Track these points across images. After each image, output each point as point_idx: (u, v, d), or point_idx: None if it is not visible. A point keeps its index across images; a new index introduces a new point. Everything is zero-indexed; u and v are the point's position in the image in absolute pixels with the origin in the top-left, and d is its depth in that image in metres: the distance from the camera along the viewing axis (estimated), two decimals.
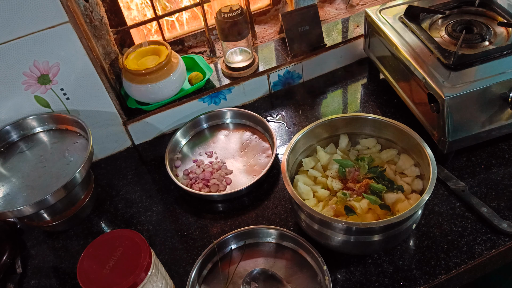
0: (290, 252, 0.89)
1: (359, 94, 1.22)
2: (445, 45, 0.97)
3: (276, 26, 1.35)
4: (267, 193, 1.02)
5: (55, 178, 0.91)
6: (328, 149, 0.96)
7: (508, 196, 0.91)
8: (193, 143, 1.16)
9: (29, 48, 0.91)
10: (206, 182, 1.04)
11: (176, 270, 0.90)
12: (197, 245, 0.94)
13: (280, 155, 1.09)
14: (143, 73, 1.05)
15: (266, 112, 1.21)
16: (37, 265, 0.96)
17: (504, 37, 0.98)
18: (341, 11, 1.36)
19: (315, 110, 1.20)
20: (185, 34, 1.30)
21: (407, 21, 1.05)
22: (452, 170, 0.97)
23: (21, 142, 1.01)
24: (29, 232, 1.03)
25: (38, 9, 0.87)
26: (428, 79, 0.91)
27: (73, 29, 0.92)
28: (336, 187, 0.88)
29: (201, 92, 1.17)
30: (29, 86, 0.97)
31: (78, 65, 0.98)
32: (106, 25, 1.05)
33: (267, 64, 1.22)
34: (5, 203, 0.88)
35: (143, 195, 1.06)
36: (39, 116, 1.01)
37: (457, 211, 0.90)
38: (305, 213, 0.81)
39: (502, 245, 0.84)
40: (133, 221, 1.01)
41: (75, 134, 1.01)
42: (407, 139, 0.88)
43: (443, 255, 0.84)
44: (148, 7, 1.25)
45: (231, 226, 0.96)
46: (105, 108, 1.08)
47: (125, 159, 1.16)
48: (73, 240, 1.00)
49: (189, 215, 1.00)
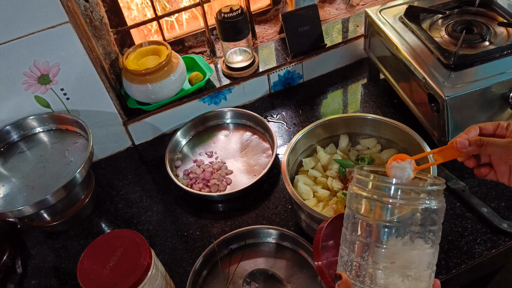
0: (290, 252, 0.89)
1: (359, 94, 1.22)
2: (445, 45, 0.97)
3: (276, 26, 1.35)
4: (267, 193, 1.02)
5: (55, 178, 0.91)
6: (328, 149, 0.96)
7: (508, 196, 0.91)
8: (193, 143, 1.16)
9: (29, 48, 0.91)
10: (206, 182, 1.04)
11: (176, 270, 0.90)
12: (197, 245, 0.94)
13: (280, 155, 1.09)
14: (143, 73, 1.05)
15: (266, 112, 1.21)
16: (37, 265, 0.96)
17: (504, 37, 0.98)
18: (341, 11, 1.36)
19: (315, 110, 1.20)
20: (185, 34, 1.30)
21: (407, 21, 1.05)
22: (452, 170, 0.97)
23: (21, 142, 1.01)
24: (29, 232, 1.03)
25: (38, 9, 0.87)
26: (428, 79, 0.91)
27: (73, 29, 0.92)
28: (336, 187, 0.88)
29: (201, 92, 1.17)
30: (29, 86, 0.97)
31: (78, 65, 0.98)
32: (106, 25, 1.05)
33: (267, 64, 1.22)
34: (5, 203, 0.88)
35: (143, 195, 1.06)
36: (39, 116, 1.01)
37: (457, 211, 0.90)
38: (305, 213, 0.81)
39: (502, 245, 0.84)
40: (133, 221, 1.01)
41: (75, 134, 1.01)
42: (407, 139, 0.89)
43: (443, 255, 0.84)
44: (148, 7, 1.25)
45: (231, 226, 0.96)
46: (105, 108, 1.08)
47: (125, 159, 1.16)
48: (73, 240, 1.00)
49: (189, 215, 1.00)
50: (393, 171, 0.62)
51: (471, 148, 0.61)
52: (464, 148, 0.61)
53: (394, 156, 0.63)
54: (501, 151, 0.59)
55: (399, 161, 0.62)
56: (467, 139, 0.61)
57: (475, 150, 0.61)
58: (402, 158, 0.63)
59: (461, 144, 0.61)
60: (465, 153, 0.62)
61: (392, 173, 0.61)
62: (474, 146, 0.60)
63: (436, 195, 0.58)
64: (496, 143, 0.59)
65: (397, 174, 0.61)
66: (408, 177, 0.61)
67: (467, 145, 0.60)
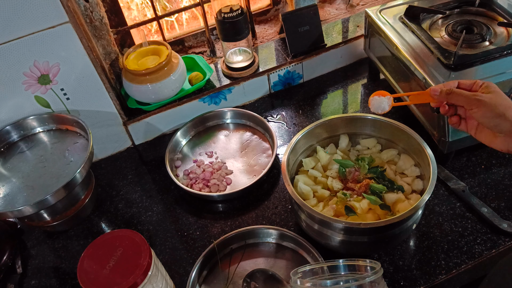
0: (290, 252, 0.89)
1: (359, 94, 1.22)
2: (445, 45, 0.97)
3: (276, 26, 1.35)
4: (267, 193, 1.02)
5: (55, 178, 0.91)
6: (328, 149, 0.96)
7: (508, 196, 0.91)
8: (193, 143, 1.16)
9: (29, 48, 0.91)
10: (206, 182, 1.04)
11: (176, 270, 0.90)
12: (197, 245, 0.94)
13: (280, 155, 1.09)
14: (144, 73, 1.05)
15: (266, 112, 1.21)
16: (38, 265, 0.96)
17: (504, 37, 0.98)
18: (341, 11, 1.36)
19: (315, 110, 1.20)
20: (186, 34, 1.30)
21: (407, 21, 1.05)
22: (452, 170, 0.97)
23: (21, 142, 1.01)
24: (30, 232, 1.03)
25: (38, 9, 0.87)
26: (428, 79, 0.91)
27: (73, 29, 0.92)
28: (336, 187, 0.88)
29: (201, 92, 1.17)
30: (29, 86, 0.97)
31: (78, 65, 0.98)
32: (106, 25, 1.06)
33: (267, 64, 1.22)
34: (6, 203, 0.88)
35: (143, 195, 1.06)
36: (39, 116, 1.01)
37: (457, 211, 0.90)
38: (305, 213, 0.81)
39: (502, 245, 0.84)
40: (133, 221, 1.01)
41: (76, 134, 1.01)
42: (407, 139, 0.88)
43: (443, 255, 0.84)
44: (148, 7, 1.25)
45: (231, 226, 0.96)
46: (105, 108, 1.08)
47: (125, 159, 1.16)
48: (73, 240, 1.00)
49: (189, 215, 1.00)
50: (372, 102, 0.76)
51: (440, 95, 0.70)
52: (435, 94, 0.71)
53: (376, 92, 0.77)
54: (463, 100, 0.68)
55: (380, 96, 0.76)
56: (440, 87, 0.71)
57: (444, 98, 0.70)
58: (383, 94, 0.76)
59: (434, 91, 0.71)
60: (436, 99, 0.72)
61: (371, 104, 0.77)
62: (444, 94, 0.70)
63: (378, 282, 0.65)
64: (461, 93, 0.68)
65: (375, 105, 0.76)
66: (383, 110, 0.76)
67: (438, 92, 0.70)
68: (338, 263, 0.70)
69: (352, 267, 0.69)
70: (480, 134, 0.70)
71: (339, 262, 0.70)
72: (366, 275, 0.66)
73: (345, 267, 0.69)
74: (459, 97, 0.68)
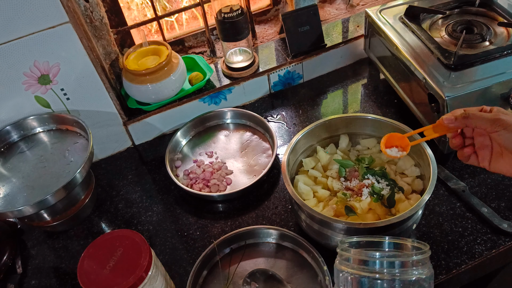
0: (291, 252, 0.89)
1: (359, 94, 1.22)
2: (445, 45, 0.97)
3: (276, 26, 1.35)
4: (267, 193, 1.02)
5: (55, 178, 0.91)
6: (328, 149, 0.96)
7: (508, 196, 0.91)
8: (193, 143, 1.16)
9: (29, 48, 0.91)
10: (206, 182, 1.04)
11: (177, 270, 0.90)
12: (197, 245, 0.94)
13: (281, 155, 1.09)
14: (144, 73, 1.05)
15: (267, 112, 1.21)
16: (38, 265, 0.96)
17: (504, 37, 0.98)
18: (341, 11, 1.36)
19: (316, 110, 1.20)
20: (186, 34, 1.30)
21: (407, 21, 1.05)
22: (452, 170, 0.97)
23: (21, 142, 1.01)
24: (30, 232, 1.03)
25: (39, 9, 0.87)
26: (428, 79, 0.91)
27: (73, 29, 0.92)
28: (336, 187, 0.88)
29: (202, 92, 1.17)
30: (29, 86, 0.97)
31: (79, 65, 0.98)
32: (107, 25, 1.06)
33: (267, 64, 1.22)
34: (6, 203, 0.88)
35: (144, 195, 1.06)
36: (40, 116, 1.01)
37: (458, 211, 0.90)
38: (305, 213, 0.81)
39: (503, 245, 0.84)
40: (133, 221, 1.01)
41: (76, 134, 1.01)
42: None
43: (443, 255, 0.84)
44: (148, 7, 1.25)
45: (231, 226, 0.96)
46: (105, 108, 1.08)
47: (126, 159, 1.16)
48: (73, 240, 1.00)
49: (189, 215, 1.00)
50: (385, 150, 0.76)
51: (457, 122, 0.64)
52: (451, 123, 0.65)
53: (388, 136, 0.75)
54: (486, 122, 0.62)
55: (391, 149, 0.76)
56: (453, 114, 0.65)
57: (462, 123, 0.64)
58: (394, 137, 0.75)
59: (447, 120, 0.65)
60: (453, 128, 0.66)
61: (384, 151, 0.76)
62: (460, 119, 0.64)
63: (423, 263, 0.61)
64: (482, 115, 0.62)
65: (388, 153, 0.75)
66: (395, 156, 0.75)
67: (454, 120, 0.65)
68: (384, 240, 0.68)
69: (398, 245, 0.67)
70: (496, 163, 0.64)
71: (385, 239, 0.68)
72: (412, 253, 0.64)
73: (389, 244, 0.67)
74: (479, 119, 0.62)
